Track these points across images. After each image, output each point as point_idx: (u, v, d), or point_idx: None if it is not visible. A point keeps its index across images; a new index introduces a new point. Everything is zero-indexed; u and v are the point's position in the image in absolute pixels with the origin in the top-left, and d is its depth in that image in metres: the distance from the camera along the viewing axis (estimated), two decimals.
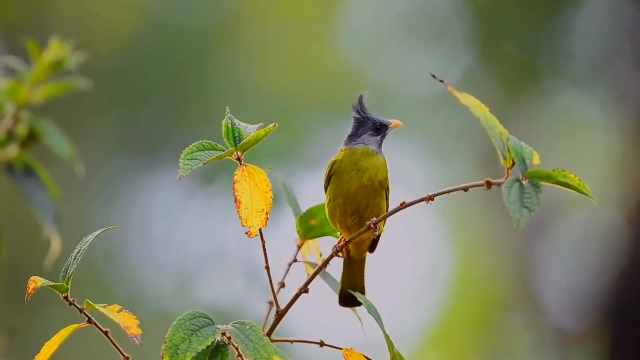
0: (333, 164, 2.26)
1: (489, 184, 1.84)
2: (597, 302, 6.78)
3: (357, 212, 2.23)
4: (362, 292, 2.31)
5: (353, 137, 2.28)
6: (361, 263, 2.30)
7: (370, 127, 2.28)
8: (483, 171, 6.85)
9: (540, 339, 6.96)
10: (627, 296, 6.69)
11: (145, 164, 7.04)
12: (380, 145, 2.27)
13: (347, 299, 2.32)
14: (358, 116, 2.29)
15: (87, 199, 6.94)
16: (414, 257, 7.19)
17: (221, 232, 6.89)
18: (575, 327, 6.90)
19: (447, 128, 7.01)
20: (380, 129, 2.27)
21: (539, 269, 7.08)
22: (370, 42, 7.14)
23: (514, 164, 1.84)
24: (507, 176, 1.84)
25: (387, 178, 2.25)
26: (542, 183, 1.79)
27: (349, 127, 2.31)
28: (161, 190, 6.98)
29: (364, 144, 2.26)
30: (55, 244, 3.03)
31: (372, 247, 2.31)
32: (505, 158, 1.82)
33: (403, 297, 7.13)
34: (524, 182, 1.82)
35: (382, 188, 2.25)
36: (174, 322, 1.96)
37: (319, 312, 6.28)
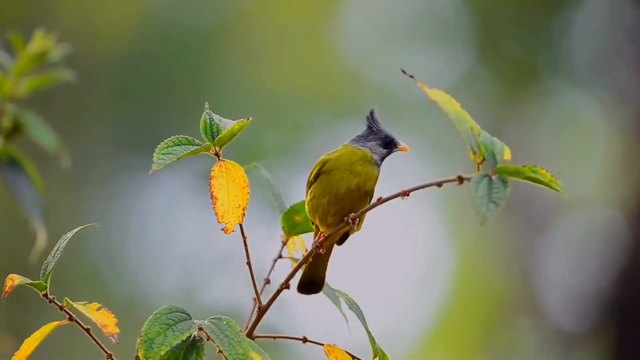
0: (324, 162, 2.26)
1: (460, 179, 1.84)
2: (598, 302, 6.77)
3: (340, 213, 2.24)
4: (322, 282, 2.31)
5: (362, 138, 2.28)
6: (327, 254, 2.31)
7: (381, 138, 2.27)
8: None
9: (541, 339, 6.95)
10: (627, 296, 6.68)
11: (146, 164, 7.05)
12: (382, 159, 2.27)
13: (307, 287, 2.32)
14: (370, 129, 2.29)
15: (87, 198, 6.95)
16: (414, 257, 7.18)
17: (221, 231, 6.88)
18: (575, 327, 6.89)
19: (445, 129, 7.00)
20: (389, 144, 2.27)
21: (540, 269, 7.07)
22: (370, 42, 7.14)
23: (484, 159, 1.83)
24: (478, 171, 1.84)
25: (373, 189, 2.25)
26: (511, 178, 1.78)
27: (361, 129, 2.31)
28: (161, 190, 6.99)
29: (369, 149, 2.26)
30: (41, 238, 3.01)
31: (341, 240, 2.32)
32: (475, 153, 1.82)
33: (404, 296, 7.12)
34: (493, 178, 1.82)
35: (367, 196, 2.25)
36: (150, 316, 1.95)
37: (313, 309, 6.28)
